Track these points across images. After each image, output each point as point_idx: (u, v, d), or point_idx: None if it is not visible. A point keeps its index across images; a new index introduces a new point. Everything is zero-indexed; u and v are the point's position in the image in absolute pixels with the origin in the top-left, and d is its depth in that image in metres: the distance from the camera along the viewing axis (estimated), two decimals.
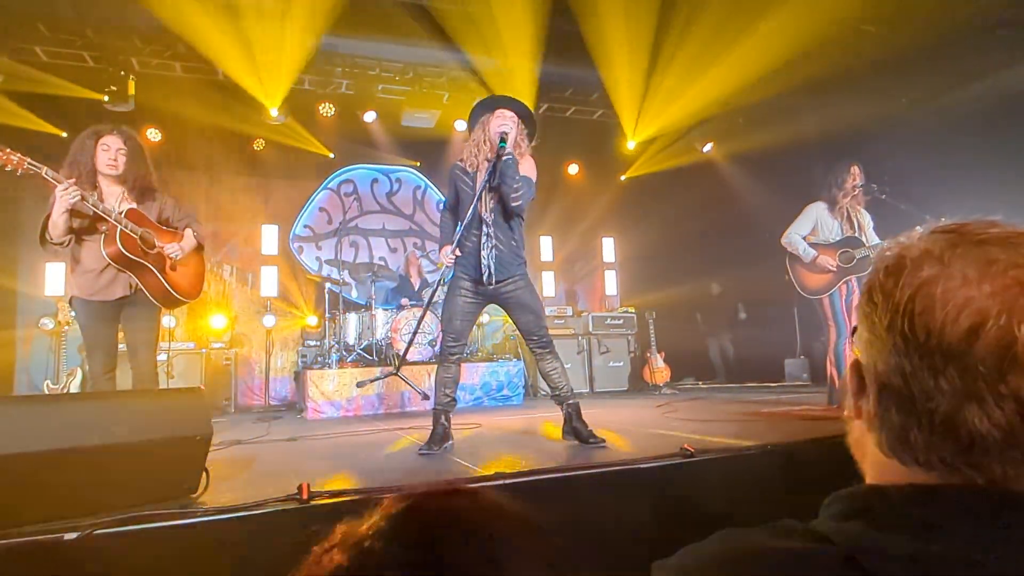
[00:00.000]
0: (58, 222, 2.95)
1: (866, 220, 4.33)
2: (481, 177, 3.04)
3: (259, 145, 7.50)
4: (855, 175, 4.27)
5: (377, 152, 8.14)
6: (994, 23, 5.16)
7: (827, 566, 0.48)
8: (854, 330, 0.67)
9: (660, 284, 8.33)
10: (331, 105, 7.00)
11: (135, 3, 5.39)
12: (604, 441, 2.91)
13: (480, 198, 3.00)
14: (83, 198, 2.94)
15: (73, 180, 2.93)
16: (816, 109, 6.68)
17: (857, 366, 0.60)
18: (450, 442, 3.13)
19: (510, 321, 7.40)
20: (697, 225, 8.03)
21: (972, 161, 5.25)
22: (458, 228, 3.03)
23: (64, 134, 6.17)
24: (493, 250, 3.01)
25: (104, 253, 3.03)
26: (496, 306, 3.29)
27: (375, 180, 8.60)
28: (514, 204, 3.00)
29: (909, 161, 5.43)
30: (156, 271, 3.20)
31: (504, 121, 3.05)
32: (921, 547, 0.47)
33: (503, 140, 2.96)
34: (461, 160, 3.20)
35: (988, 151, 5.23)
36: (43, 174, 2.89)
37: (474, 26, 5.95)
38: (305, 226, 8.12)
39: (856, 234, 4.24)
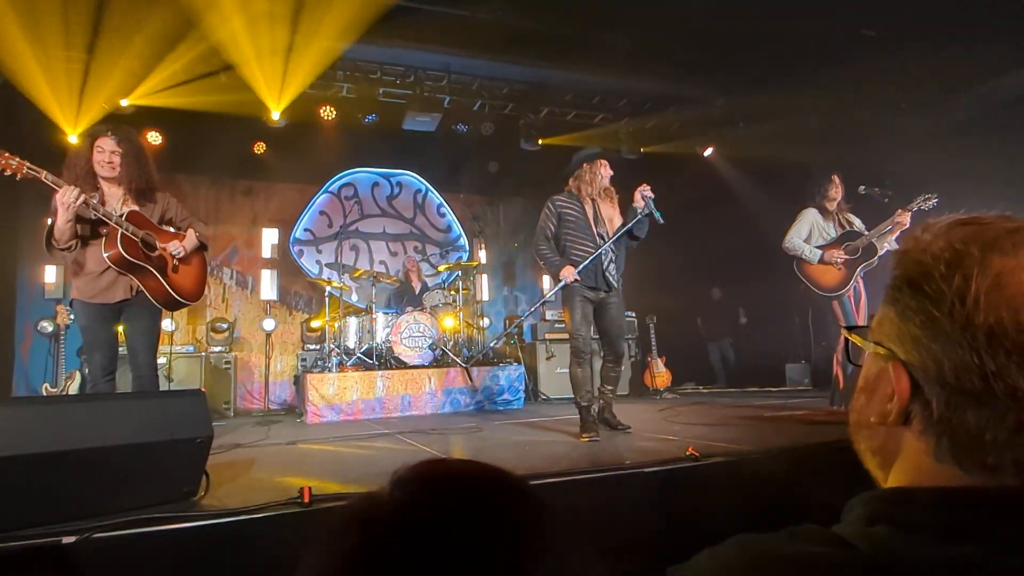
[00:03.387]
0: (64, 228, 2.93)
1: (856, 221, 4.40)
2: (588, 206, 3.76)
3: (260, 148, 7.49)
4: (836, 184, 4.35)
5: (378, 155, 8.14)
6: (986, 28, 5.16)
7: (852, 572, 0.46)
8: (850, 328, 0.63)
9: (661, 288, 8.32)
10: (332, 108, 6.99)
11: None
12: (630, 427, 3.58)
13: (601, 223, 3.73)
14: (85, 202, 2.92)
15: (74, 186, 2.91)
16: (817, 113, 6.68)
17: (904, 368, 0.54)
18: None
19: (512, 325, 7.35)
20: (698, 229, 8.02)
21: (971, 165, 5.24)
22: (583, 251, 3.67)
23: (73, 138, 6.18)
24: (612, 265, 3.69)
25: (104, 256, 3.02)
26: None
27: (376, 184, 8.60)
28: (635, 244, 3.89)
29: (909, 165, 5.43)
30: (158, 273, 3.18)
31: (608, 169, 3.85)
32: (951, 552, 0.45)
33: (657, 212, 3.69)
34: (562, 195, 3.85)
35: (987, 155, 5.24)
36: (43, 178, 2.87)
37: (474, 30, 5.95)
38: (305, 229, 8.11)
39: (849, 230, 4.32)
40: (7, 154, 2.84)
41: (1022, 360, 0.46)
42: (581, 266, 3.59)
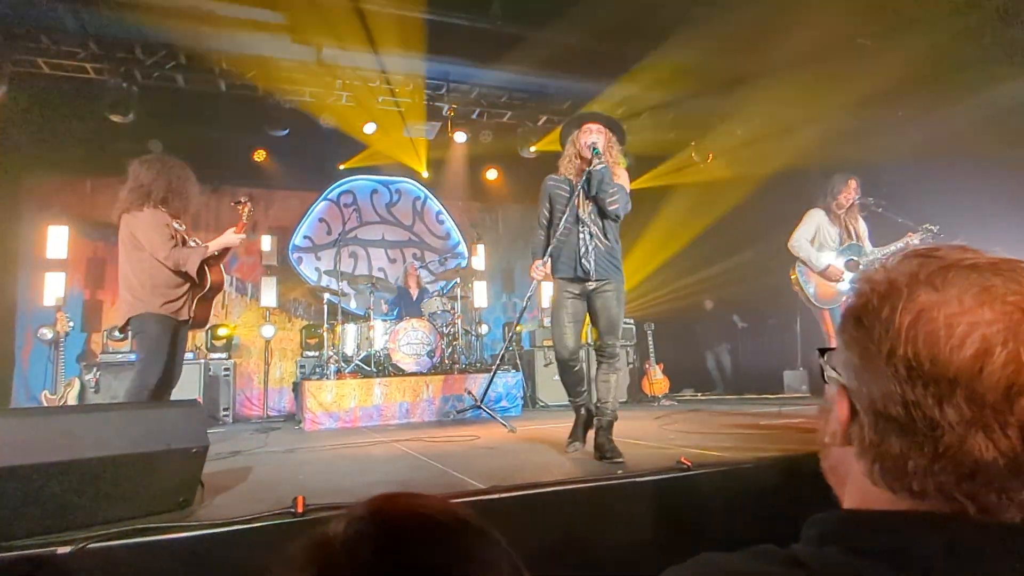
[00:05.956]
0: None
1: (863, 229, 4.37)
2: (577, 185, 3.18)
3: (260, 156, 7.54)
4: (852, 188, 4.31)
5: (377, 163, 8.17)
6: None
7: None
8: (822, 352, 0.65)
9: (659, 295, 8.34)
10: (332, 116, 7.03)
11: (138, 15, 5.44)
12: (622, 460, 2.82)
13: (578, 203, 3.13)
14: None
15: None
16: (814, 121, 6.71)
17: (846, 393, 0.57)
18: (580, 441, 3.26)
19: (511, 331, 7.36)
20: (696, 236, 8.05)
21: (966, 174, 5.27)
22: (553, 237, 3.15)
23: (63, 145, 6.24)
24: (592, 251, 3.10)
25: (213, 280, 3.47)
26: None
27: (375, 191, 8.63)
28: (611, 208, 3.10)
29: (904, 174, 5.46)
30: (209, 300, 3.57)
31: (592, 134, 3.17)
32: (894, 574, 0.47)
33: (595, 149, 3.09)
34: (555, 174, 3.35)
35: (982, 164, 5.26)
36: (245, 217, 3.60)
37: (472, 37, 5.99)
38: (305, 236, 8.14)
39: (855, 242, 4.28)
40: (244, 199, 3.64)
41: (937, 392, 0.49)
42: (545, 255, 3.15)
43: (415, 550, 0.48)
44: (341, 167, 8.01)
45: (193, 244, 3.44)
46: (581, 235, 3.11)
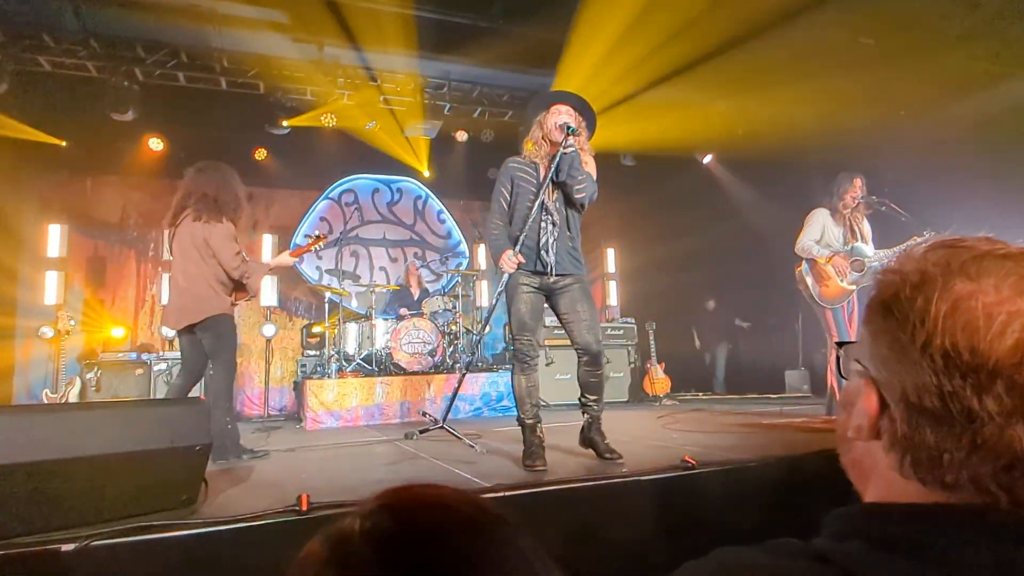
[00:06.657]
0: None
1: (867, 229, 4.35)
2: (542, 167, 2.97)
3: (261, 155, 7.53)
4: (857, 187, 4.29)
5: (378, 162, 8.17)
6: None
7: None
8: (839, 344, 0.65)
9: (661, 294, 8.33)
10: (332, 115, 7.03)
11: (139, 13, 5.44)
12: (621, 457, 2.77)
13: (545, 189, 2.89)
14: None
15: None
16: (816, 121, 6.71)
17: (874, 385, 0.56)
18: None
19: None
20: (698, 235, 8.04)
21: (969, 172, 5.26)
22: (525, 224, 2.89)
23: (63, 143, 6.23)
24: (555, 243, 2.90)
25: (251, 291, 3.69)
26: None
27: (376, 190, 8.62)
28: (578, 196, 2.89)
29: (908, 173, 5.45)
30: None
31: (562, 115, 2.96)
32: (920, 569, 0.46)
33: (570, 127, 2.86)
34: (519, 156, 3.10)
35: (984, 163, 5.25)
36: (313, 248, 4.11)
37: (473, 37, 5.99)
38: (306, 236, 8.12)
39: (859, 242, 4.27)
40: (318, 233, 4.14)
41: (976, 382, 0.48)
42: (517, 245, 2.86)
43: (439, 540, 0.46)
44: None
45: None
46: (543, 225, 2.89)
